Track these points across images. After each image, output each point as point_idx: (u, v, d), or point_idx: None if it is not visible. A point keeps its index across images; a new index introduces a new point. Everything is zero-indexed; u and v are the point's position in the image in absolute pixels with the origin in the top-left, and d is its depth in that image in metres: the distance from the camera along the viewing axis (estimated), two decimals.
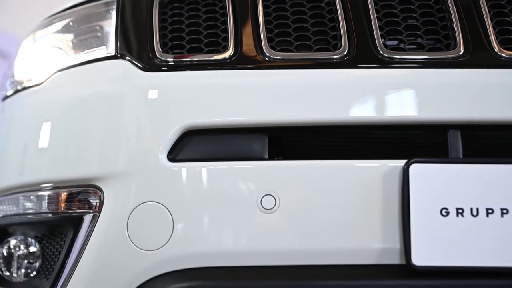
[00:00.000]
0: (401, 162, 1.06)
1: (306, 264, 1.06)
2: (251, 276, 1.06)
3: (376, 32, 1.16)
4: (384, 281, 1.04)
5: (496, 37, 1.15)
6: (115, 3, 1.30)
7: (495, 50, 1.14)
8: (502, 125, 1.11)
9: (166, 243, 1.09)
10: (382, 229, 1.05)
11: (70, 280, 1.16)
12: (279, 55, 1.16)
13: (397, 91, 1.12)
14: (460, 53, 1.14)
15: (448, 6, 1.18)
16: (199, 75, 1.16)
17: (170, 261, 1.08)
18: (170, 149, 1.12)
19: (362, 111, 1.12)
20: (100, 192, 1.16)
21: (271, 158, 1.12)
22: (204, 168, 1.10)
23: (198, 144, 1.14)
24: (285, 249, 1.06)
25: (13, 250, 1.29)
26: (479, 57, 1.14)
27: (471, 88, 1.11)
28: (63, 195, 1.21)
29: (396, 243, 1.04)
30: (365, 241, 1.05)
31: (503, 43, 1.15)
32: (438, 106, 1.10)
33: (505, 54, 1.14)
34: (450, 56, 1.14)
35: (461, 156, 1.09)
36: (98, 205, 1.16)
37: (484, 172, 1.04)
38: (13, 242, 1.29)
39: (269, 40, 1.18)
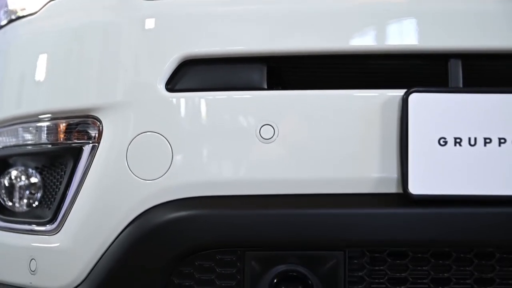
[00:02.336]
0: (401, 92, 1.06)
1: (304, 193, 1.07)
2: (249, 205, 1.07)
3: None
4: (380, 210, 1.05)
5: None
6: None
7: None
8: (503, 54, 1.09)
9: (166, 172, 1.09)
10: (380, 158, 1.06)
11: (72, 209, 1.18)
12: None
13: (398, 19, 1.10)
14: None
15: None
16: (197, 3, 1.14)
17: (170, 191, 1.09)
18: (168, 79, 1.12)
19: (362, 40, 1.10)
20: (98, 123, 1.16)
21: (270, 88, 1.11)
22: (203, 98, 1.10)
23: (196, 74, 1.13)
24: (283, 178, 1.07)
25: (14, 181, 1.30)
26: None
27: (473, 16, 1.09)
28: (62, 126, 1.21)
29: (393, 173, 1.05)
30: (363, 170, 1.06)
31: None
32: (439, 35, 1.08)
33: None
34: None
35: (461, 85, 1.08)
36: (97, 135, 1.16)
37: (483, 102, 1.04)
38: (14, 173, 1.31)
39: None
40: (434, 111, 1.04)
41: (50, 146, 1.23)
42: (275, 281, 1.14)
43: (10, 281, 1.28)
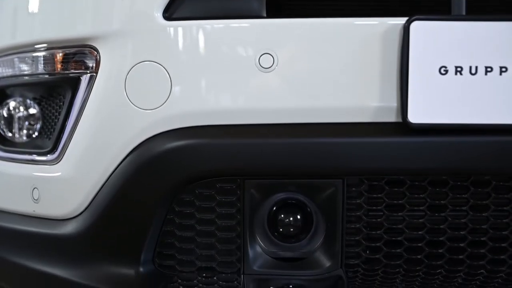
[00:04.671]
0: (402, 20, 1.03)
1: (304, 122, 1.07)
2: (249, 134, 1.07)
3: None
4: (380, 138, 1.05)
5: None
6: None
7: None
8: None
9: (165, 102, 1.09)
10: (380, 87, 1.05)
11: (71, 139, 1.18)
12: None
13: None
14: None
15: None
16: None
17: (169, 120, 1.09)
18: (166, 7, 1.09)
19: None
20: (96, 53, 1.14)
21: (269, 16, 1.09)
22: (201, 27, 1.08)
23: (194, 2, 1.10)
24: (283, 107, 1.07)
25: (13, 112, 1.30)
26: None
27: None
28: (59, 56, 1.20)
29: (393, 101, 1.05)
30: (363, 99, 1.06)
31: None
32: None
33: None
34: None
35: (464, 13, 1.06)
36: (94, 65, 1.15)
37: (486, 30, 1.02)
38: (12, 104, 1.30)
39: None
40: (435, 40, 1.03)
41: (47, 76, 1.22)
42: (274, 208, 1.16)
43: (14, 209, 1.30)
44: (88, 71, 1.16)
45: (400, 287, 1.11)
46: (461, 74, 1.02)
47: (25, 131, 1.30)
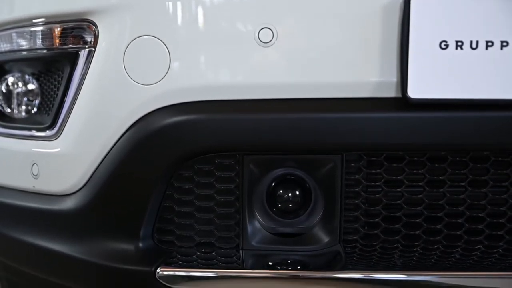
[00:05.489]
0: None
1: (303, 97, 1.06)
2: (248, 109, 1.07)
3: None
4: (379, 113, 1.05)
5: None
6: None
7: None
8: None
9: (164, 77, 1.09)
10: (379, 62, 1.05)
11: (70, 115, 1.18)
12: None
13: None
14: None
15: None
16: None
17: (168, 95, 1.09)
18: None
19: None
20: (94, 27, 1.13)
21: None
22: (200, 1, 1.06)
23: None
24: (282, 82, 1.06)
25: (11, 87, 1.30)
26: None
27: None
28: (57, 30, 1.19)
29: (392, 76, 1.04)
30: (362, 74, 1.05)
31: None
32: None
33: None
34: None
35: None
36: (93, 40, 1.14)
37: (487, 4, 1.01)
38: (10, 79, 1.30)
39: None
40: (436, 14, 1.02)
41: (45, 51, 1.22)
42: (273, 184, 1.16)
43: (14, 185, 1.31)
44: (87, 46, 1.15)
45: (398, 262, 1.12)
46: (461, 48, 1.02)
47: (24, 107, 1.29)
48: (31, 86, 1.28)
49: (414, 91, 1.03)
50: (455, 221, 1.13)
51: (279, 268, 1.12)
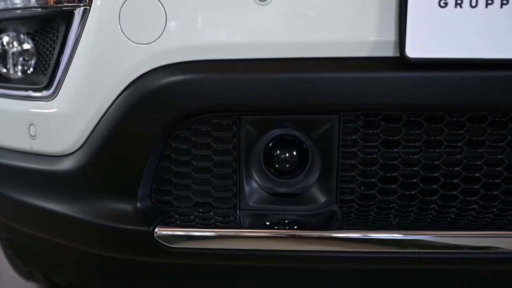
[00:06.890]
0: None
1: (300, 57, 1.06)
2: (245, 69, 1.06)
3: None
4: (376, 73, 1.04)
5: None
6: None
7: None
8: None
9: (160, 36, 1.07)
10: (377, 21, 1.03)
11: (67, 75, 1.17)
12: None
13: None
14: None
15: None
16: None
17: (165, 55, 1.08)
18: None
19: None
20: None
21: None
22: None
23: None
24: (279, 41, 1.05)
25: (6, 47, 1.29)
26: None
27: None
28: None
29: (391, 35, 1.03)
30: (360, 33, 1.04)
31: None
32: None
33: None
34: None
35: None
36: None
37: None
38: (5, 39, 1.29)
39: None
40: None
41: (40, 10, 1.20)
42: (270, 144, 1.16)
43: (12, 146, 1.31)
44: (82, 4, 1.13)
45: (394, 222, 1.12)
46: (461, 7, 1.00)
47: (20, 67, 1.28)
48: (26, 46, 1.27)
49: (412, 50, 1.02)
50: (451, 181, 1.14)
51: (276, 228, 1.12)
